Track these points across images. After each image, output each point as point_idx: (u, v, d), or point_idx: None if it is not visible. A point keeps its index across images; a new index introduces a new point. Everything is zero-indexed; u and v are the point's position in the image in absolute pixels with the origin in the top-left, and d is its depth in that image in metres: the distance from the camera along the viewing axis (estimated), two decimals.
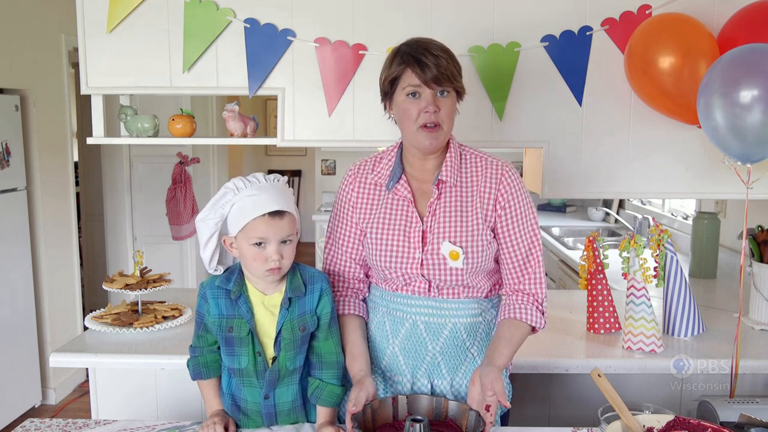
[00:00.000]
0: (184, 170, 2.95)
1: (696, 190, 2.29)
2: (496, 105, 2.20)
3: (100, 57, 2.21)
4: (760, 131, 1.65)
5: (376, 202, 1.60)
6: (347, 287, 1.65)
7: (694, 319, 2.03)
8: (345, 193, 1.64)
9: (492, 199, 1.54)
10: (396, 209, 1.57)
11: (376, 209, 1.59)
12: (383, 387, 1.60)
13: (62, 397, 4.02)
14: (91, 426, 1.56)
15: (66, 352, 1.94)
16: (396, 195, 1.57)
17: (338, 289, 1.64)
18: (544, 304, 1.57)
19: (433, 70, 1.45)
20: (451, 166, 1.55)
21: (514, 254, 1.56)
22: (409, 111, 1.48)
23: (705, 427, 1.38)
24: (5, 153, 3.46)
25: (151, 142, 2.34)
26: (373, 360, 1.61)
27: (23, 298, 3.66)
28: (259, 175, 1.50)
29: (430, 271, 1.53)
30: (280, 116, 2.24)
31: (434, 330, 1.55)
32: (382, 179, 1.60)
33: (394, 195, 1.58)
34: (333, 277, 1.65)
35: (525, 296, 1.56)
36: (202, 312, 1.53)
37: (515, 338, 1.51)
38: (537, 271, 1.57)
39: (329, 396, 1.50)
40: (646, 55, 2.00)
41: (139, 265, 2.23)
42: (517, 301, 1.55)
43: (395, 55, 1.51)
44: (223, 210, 1.47)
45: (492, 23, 2.18)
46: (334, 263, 1.66)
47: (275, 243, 1.44)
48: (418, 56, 1.46)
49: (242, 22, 2.17)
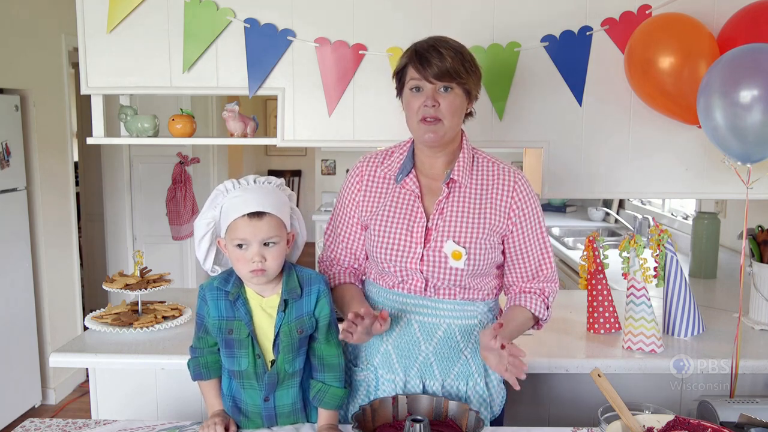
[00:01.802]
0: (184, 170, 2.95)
1: (696, 190, 2.29)
2: (496, 105, 2.20)
3: (100, 57, 2.21)
4: (760, 131, 1.65)
5: (383, 194, 1.61)
6: (342, 269, 1.68)
7: (694, 319, 2.02)
8: (350, 185, 1.66)
9: (506, 207, 1.56)
10: (402, 203, 1.58)
11: (381, 201, 1.61)
12: (375, 385, 1.60)
13: (62, 397, 4.02)
14: (91, 426, 1.56)
15: (66, 352, 1.93)
16: (404, 188, 1.59)
17: (333, 271, 1.68)
18: (551, 299, 1.62)
19: (434, 67, 1.47)
20: (464, 166, 1.57)
21: (527, 262, 1.61)
22: (411, 104, 1.52)
23: (705, 427, 1.38)
24: (5, 153, 3.46)
25: (151, 142, 2.34)
26: (366, 357, 1.62)
27: (23, 298, 3.65)
28: (250, 177, 1.51)
29: (429, 268, 1.53)
30: (280, 116, 2.24)
31: (428, 330, 1.55)
32: (391, 172, 1.62)
33: (402, 188, 1.59)
34: (329, 263, 1.69)
35: (532, 291, 1.61)
36: (202, 314, 1.53)
37: (517, 319, 1.56)
38: (549, 275, 1.63)
39: (332, 398, 1.50)
40: (646, 55, 2.00)
41: (139, 265, 2.23)
42: (524, 294, 1.61)
43: (405, 52, 1.56)
44: (215, 212, 1.49)
45: (492, 23, 2.18)
46: (331, 249, 1.70)
47: (256, 244, 1.44)
48: (422, 52, 1.49)
49: (242, 22, 2.17)
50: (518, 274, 1.62)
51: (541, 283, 1.62)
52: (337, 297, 1.61)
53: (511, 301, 1.63)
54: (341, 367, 1.53)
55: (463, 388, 1.57)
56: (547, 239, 1.64)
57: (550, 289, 1.62)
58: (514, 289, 1.63)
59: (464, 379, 1.57)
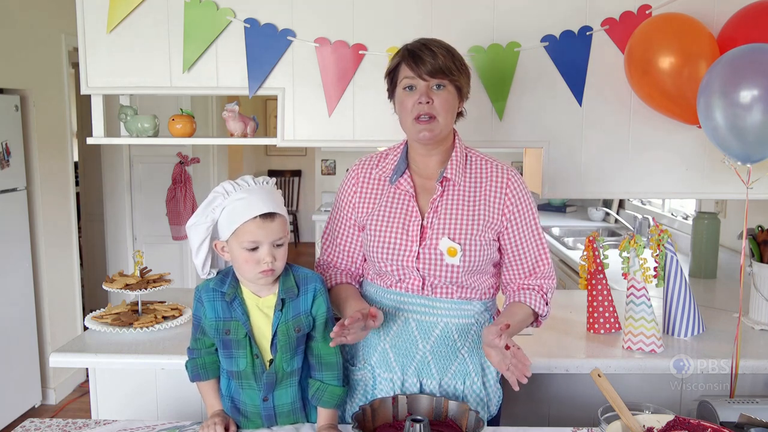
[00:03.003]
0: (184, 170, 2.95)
1: (696, 190, 2.29)
2: (496, 105, 2.20)
3: (100, 57, 2.21)
4: (760, 131, 1.65)
5: (378, 195, 1.62)
6: (339, 271, 1.69)
7: (694, 319, 2.03)
8: (346, 188, 1.67)
9: (500, 204, 1.57)
10: (397, 203, 1.59)
11: (377, 202, 1.62)
12: (372, 384, 1.61)
13: (62, 397, 4.02)
14: (91, 426, 1.56)
15: (66, 352, 1.93)
16: (398, 189, 1.60)
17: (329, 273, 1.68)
18: (549, 295, 1.63)
19: (427, 65, 1.49)
20: (457, 165, 1.58)
21: (524, 258, 1.62)
22: (404, 103, 1.54)
23: (705, 427, 1.38)
24: (5, 153, 3.46)
25: (151, 142, 2.34)
26: (363, 356, 1.62)
27: (23, 298, 3.65)
28: (248, 177, 1.50)
29: (426, 266, 1.54)
30: (280, 116, 2.24)
31: (425, 328, 1.56)
32: (386, 173, 1.63)
33: (397, 189, 1.60)
34: (326, 266, 1.69)
35: (531, 288, 1.62)
36: (199, 315, 1.53)
37: (517, 315, 1.56)
38: (546, 271, 1.64)
39: (330, 397, 1.50)
40: (646, 55, 2.00)
41: (139, 265, 2.23)
42: (522, 290, 1.62)
43: (396, 52, 1.57)
44: (214, 214, 1.47)
45: (492, 23, 2.18)
46: (328, 253, 1.71)
47: (267, 245, 1.44)
48: (414, 51, 1.52)
49: (242, 22, 2.17)
50: (515, 271, 1.63)
51: (539, 279, 1.62)
52: (333, 297, 1.61)
53: (509, 298, 1.63)
54: (339, 366, 1.53)
55: (460, 387, 1.57)
56: (543, 235, 1.64)
57: (548, 286, 1.63)
58: (512, 286, 1.64)
59: (461, 378, 1.57)
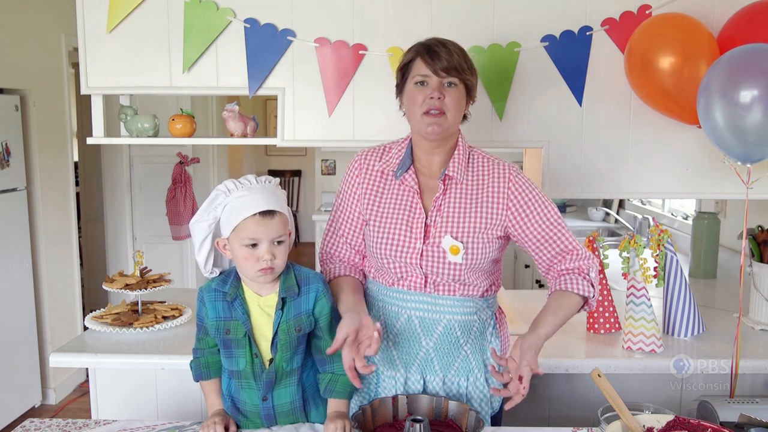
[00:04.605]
0: (184, 170, 2.95)
1: (696, 190, 2.29)
2: (496, 105, 2.20)
3: (100, 57, 2.21)
4: (760, 131, 1.65)
5: (381, 190, 1.62)
6: (342, 263, 1.67)
7: (694, 319, 2.03)
8: (350, 179, 1.67)
9: (503, 200, 1.56)
10: (401, 199, 1.59)
11: (380, 197, 1.61)
12: (376, 381, 1.61)
13: (62, 397, 4.02)
14: (91, 426, 1.56)
15: (66, 352, 1.94)
16: (403, 184, 1.60)
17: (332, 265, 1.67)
18: (591, 274, 1.55)
19: (443, 61, 1.50)
20: (459, 163, 1.58)
21: (548, 245, 1.57)
22: (415, 97, 1.54)
23: (705, 427, 1.38)
24: (5, 153, 3.46)
25: (151, 142, 2.34)
26: None
27: (23, 298, 3.65)
28: (250, 176, 1.51)
29: (429, 263, 1.54)
30: (280, 116, 2.24)
31: (428, 325, 1.56)
32: (390, 167, 1.62)
33: (401, 184, 1.60)
34: (329, 258, 1.69)
35: (571, 271, 1.55)
36: (201, 315, 1.54)
37: (563, 307, 1.52)
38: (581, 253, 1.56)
39: (343, 387, 1.50)
40: (646, 55, 2.00)
41: (139, 265, 2.23)
42: (562, 276, 1.55)
43: (411, 48, 1.57)
44: (216, 212, 1.48)
45: (492, 23, 2.18)
46: (331, 244, 1.70)
47: (267, 243, 1.44)
48: (431, 46, 1.53)
49: (242, 22, 2.17)
50: (544, 258, 1.57)
51: (576, 261, 1.55)
52: (332, 290, 1.60)
53: (552, 287, 1.57)
54: None
55: (463, 383, 1.58)
56: (562, 221, 1.58)
57: (587, 266, 1.56)
58: (551, 274, 1.58)
59: (465, 374, 1.58)
